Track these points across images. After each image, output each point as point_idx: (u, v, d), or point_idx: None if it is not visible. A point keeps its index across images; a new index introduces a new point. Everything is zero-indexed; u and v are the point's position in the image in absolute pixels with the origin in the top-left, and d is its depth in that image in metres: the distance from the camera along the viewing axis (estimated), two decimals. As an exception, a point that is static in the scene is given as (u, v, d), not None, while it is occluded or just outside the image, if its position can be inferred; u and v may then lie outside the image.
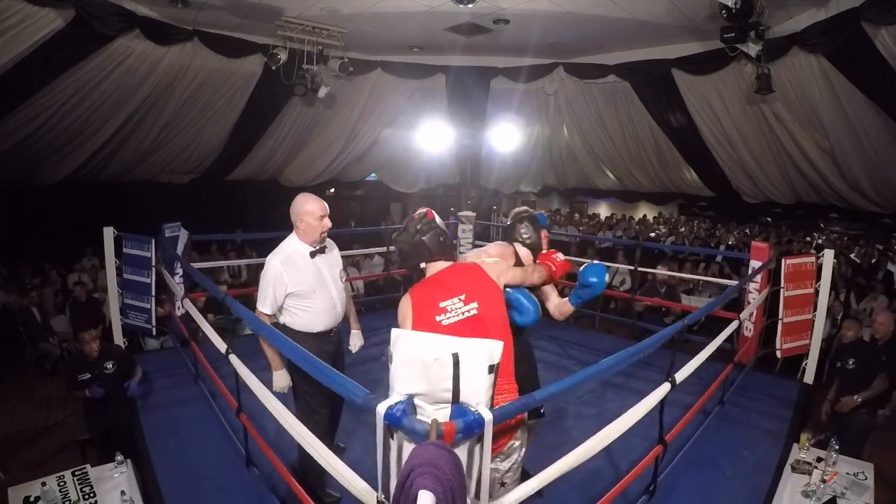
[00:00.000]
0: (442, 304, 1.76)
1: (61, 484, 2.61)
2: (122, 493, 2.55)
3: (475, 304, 1.77)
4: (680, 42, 6.88)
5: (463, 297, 1.78)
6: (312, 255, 2.43)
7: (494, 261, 1.95)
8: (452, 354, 1.05)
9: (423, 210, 1.97)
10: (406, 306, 1.80)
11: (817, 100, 6.34)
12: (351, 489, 1.38)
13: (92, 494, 2.57)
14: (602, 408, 3.58)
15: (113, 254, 4.20)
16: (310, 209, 2.39)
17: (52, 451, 4.36)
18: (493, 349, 1.09)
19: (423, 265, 1.89)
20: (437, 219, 1.93)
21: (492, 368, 1.09)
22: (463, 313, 1.75)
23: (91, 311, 6.21)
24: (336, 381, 1.30)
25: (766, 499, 2.61)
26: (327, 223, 2.43)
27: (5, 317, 6.57)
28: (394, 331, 1.13)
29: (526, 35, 6.76)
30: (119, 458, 2.78)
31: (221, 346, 2.47)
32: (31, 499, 2.52)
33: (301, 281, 2.37)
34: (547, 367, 4.30)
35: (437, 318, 1.74)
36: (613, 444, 1.88)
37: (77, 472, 2.71)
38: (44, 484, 2.55)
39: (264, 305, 2.37)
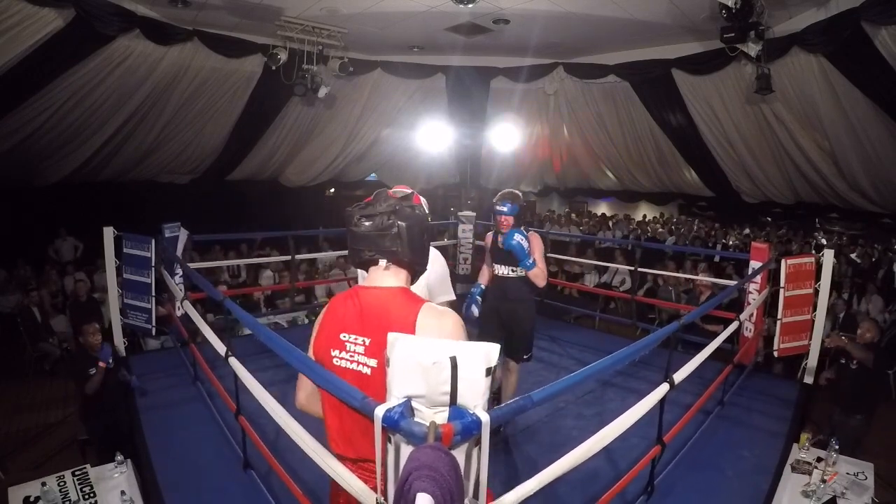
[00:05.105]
0: (342, 337, 1.36)
1: (61, 484, 2.62)
2: (122, 493, 2.55)
3: (374, 363, 1.31)
4: (680, 42, 6.88)
5: (366, 343, 1.32)
6: None
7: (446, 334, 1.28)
8: (450, 358, 1.06)
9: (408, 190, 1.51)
10: (320, 316, 1.45)
11: (817, 100, 6.34)
12: (350, 490, 1.39)
13: (92, 494, 2.57)
14: (602, 408, 3.58)
15: (113, 254, 4.20)
16: None
17: (52, 451, 4.37)
18: (490, 352, 1.10)
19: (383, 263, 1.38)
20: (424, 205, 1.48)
21: (489, 371, 1.10)
22: (355, 362, 1.34)
23: (90, 311, 6.22)
24: (332, 382, 1.30)
25: (766, 499, 2.61)
26: None
27: (5, 317, 6.58)
28: (390, 335, 1.13)
29: (526, 35, 6.76)
30: (119, 458, 2.78)
31: (221, 348, 2.48)
32: (31, 499, 2.52)
33: None
34: (547, 367, 4.32)
35: (332, 352, 1.38)
36: (612, 445, 1.89)
37: (77, 472, 2.71)
38: (44, 484, 2.55)
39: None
